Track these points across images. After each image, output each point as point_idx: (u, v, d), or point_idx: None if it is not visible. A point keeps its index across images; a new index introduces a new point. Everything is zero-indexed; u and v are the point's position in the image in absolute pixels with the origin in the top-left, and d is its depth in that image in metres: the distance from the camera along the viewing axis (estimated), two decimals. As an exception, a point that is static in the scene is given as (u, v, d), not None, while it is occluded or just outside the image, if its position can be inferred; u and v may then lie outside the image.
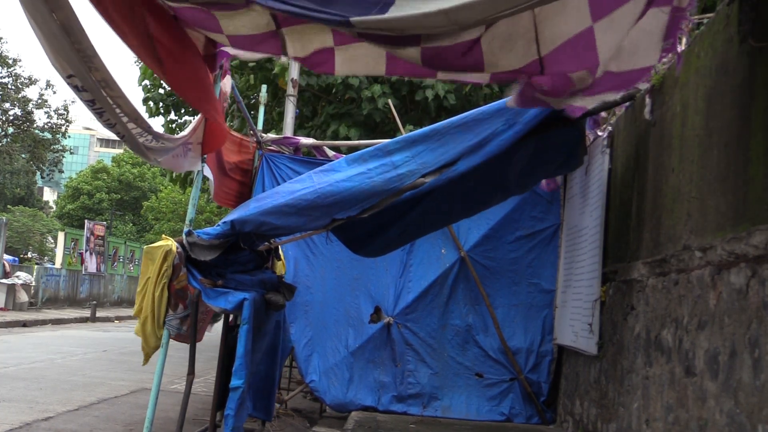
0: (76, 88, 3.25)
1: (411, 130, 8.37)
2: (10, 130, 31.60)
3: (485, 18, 2.51)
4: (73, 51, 3.07)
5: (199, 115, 5.27)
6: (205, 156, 5.53)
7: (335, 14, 2.60)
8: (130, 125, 3.84)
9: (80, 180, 45.98)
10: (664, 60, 3.33)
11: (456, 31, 2.83)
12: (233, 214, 5.09)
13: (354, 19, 2.53)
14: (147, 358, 5.48)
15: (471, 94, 9.82)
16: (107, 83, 3.41)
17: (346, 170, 4.99)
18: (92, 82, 3.29)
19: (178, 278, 5.00)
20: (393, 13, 2.49)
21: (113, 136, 4.38)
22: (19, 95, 31.16)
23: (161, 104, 12.38)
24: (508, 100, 4.02)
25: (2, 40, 30.34)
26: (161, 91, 12.36)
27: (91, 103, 3.39)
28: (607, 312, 5.33)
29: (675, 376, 3.72)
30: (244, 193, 7.53)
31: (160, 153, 4.53)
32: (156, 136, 4.29)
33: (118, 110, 3.60)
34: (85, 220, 29.74)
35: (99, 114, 3.51)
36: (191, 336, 5.72)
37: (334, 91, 10.01)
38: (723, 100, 3.38)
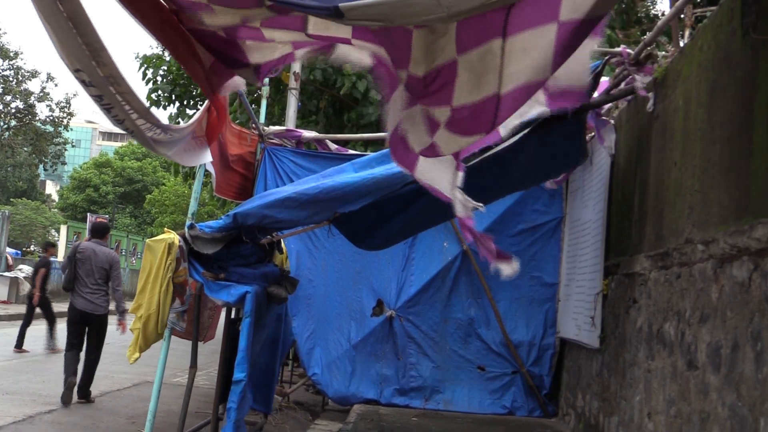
0: (83, 83, 3.17)
1: None
2: (13, 123, 31.55)
3: (479, 6, 2.43)
4: (80, 45, 2.99)
5: (203, 107, 5.25)
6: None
7: (324, 2, 2.53)
8: (139, 121, 3.78)
9: (86, 172, 45.89)
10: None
11: (444, 26, 2.78)
12: (237, 209, 5.11)
13: (343, 5, 2.44)
14: (132, 356, 5.24)
15: None
16: (115, 79, 3.32)
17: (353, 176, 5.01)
18: (100, 78, 3.20)
19: (177, 273, 5.00)
20: None
21: (115, 129, 4.41)
22: (21, 88, 31.11)
23: (166, 94, 12.41)
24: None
25: (1, 31, 30.07)
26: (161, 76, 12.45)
27: (98, 99, 3.32)
28: (609, 305, 5.33)
29: (677, 370, 3.72)
30: (247, 187, 7.52)
31: (169, 146, 4.48)
32: (164, 128, 4.21)
33: (126, 106, 3.51)
34: (88, 213, 29.73)
35: (107, 110, 3.43)
36: (194, 329, 5.74)
37: (337, 85, 9.97)
38: (726, 93, 3.36)
